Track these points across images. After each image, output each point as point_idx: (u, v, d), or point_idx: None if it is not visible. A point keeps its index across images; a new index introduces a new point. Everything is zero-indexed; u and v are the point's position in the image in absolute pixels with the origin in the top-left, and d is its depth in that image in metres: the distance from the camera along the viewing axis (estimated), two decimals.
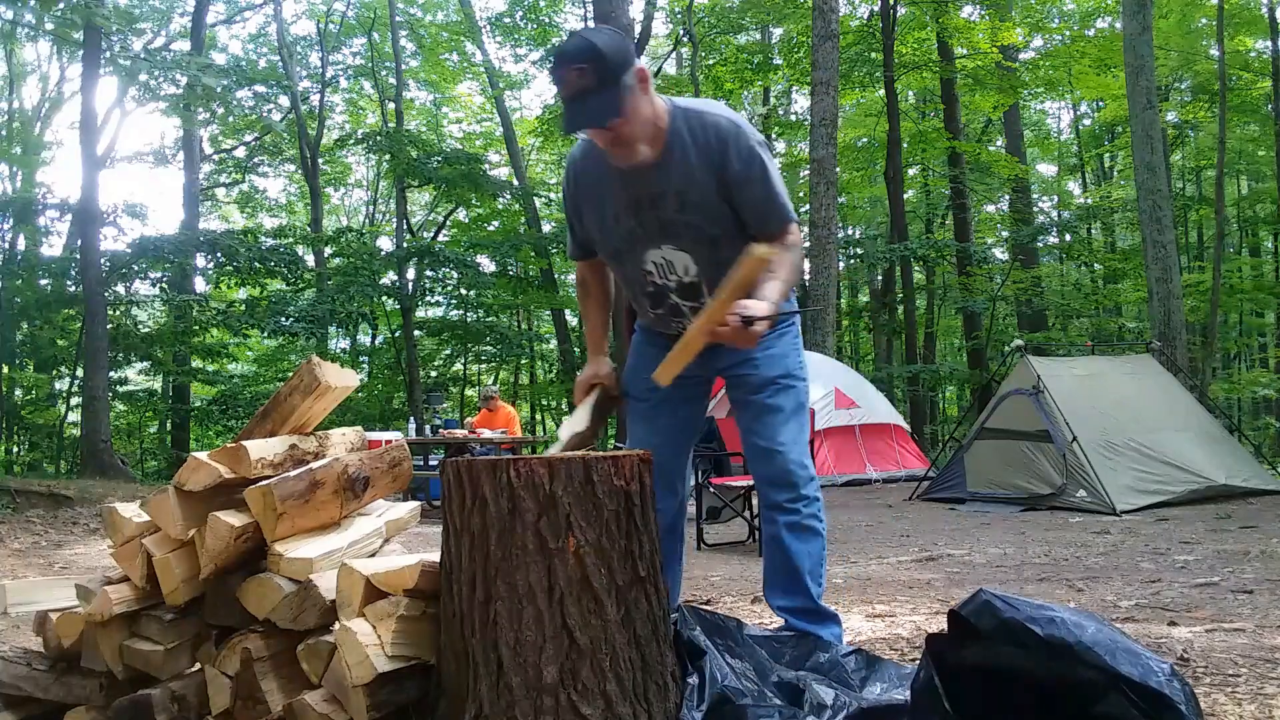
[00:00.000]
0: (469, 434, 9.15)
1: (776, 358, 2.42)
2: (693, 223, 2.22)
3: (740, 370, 2.43)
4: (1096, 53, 17.31)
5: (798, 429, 2.41)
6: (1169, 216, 11.62)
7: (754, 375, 2.41)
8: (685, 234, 2.24)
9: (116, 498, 8.54)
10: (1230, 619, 3.17)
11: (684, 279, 2.31)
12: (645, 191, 2.21)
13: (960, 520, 7.02)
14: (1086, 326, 19.63)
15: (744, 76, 20.29)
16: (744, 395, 2.45)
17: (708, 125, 2.17)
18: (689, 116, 2.18)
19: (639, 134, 2.10)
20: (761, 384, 2.41)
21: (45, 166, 22.79)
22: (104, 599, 1.89)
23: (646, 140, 2.13)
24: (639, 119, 2.09)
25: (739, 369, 2.44)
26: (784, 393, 2.41)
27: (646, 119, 2.11)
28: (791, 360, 2.44)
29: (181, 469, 1.91)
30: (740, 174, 2.16)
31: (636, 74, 2.07)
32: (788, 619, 2.37)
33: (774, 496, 2.39)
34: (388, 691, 1.71)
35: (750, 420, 2.43)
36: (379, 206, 25.61)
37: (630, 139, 2.10)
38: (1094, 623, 1.54)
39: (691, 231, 2.23)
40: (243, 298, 17.31)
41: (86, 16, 11.52)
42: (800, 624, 2.34)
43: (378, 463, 2.10)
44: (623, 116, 2.05)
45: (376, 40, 20.96)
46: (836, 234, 14.17)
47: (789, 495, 2.36)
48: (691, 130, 2.17)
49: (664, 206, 2.21)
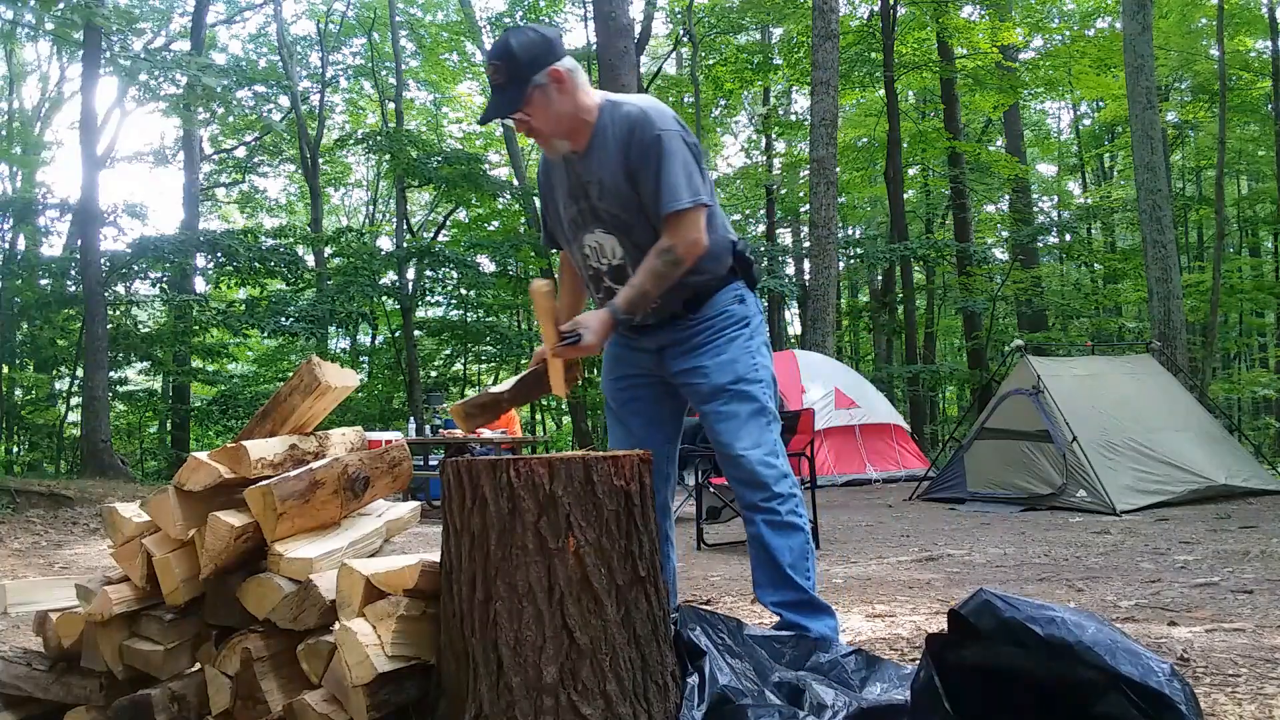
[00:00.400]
0: (469, 434, 9.15)
1: (725, 364, 2.42)
2: (610, 209, 2.34)
3: (690, 379, 2.45)
4: (1096, 53, 17.31)
5: (759, 430, 2.40)
6: (1169, 216, 11.62)
7: (703, 384, 2.43)
8: (607, 219, 2.37)
9: (116, 498, 8.54)
10: (1230, 619, 3.17)
11: (613, 262, 2.41)
12: (579, 180, 2.38)
13: (960, 520, 7.02)
14: (1086, 326, 19.62)
15: (744, 76, 20.29)
16: (699, 404, 2.47)
17: (620, 117, 2.32)
18: (613, 110, 2.33)
19: (552, 128, 2.30)
20: (711, 392, 2.42)
21: (45, 166, 22.80)
22: (104, 599, 1.89)
23: (565, 134, 2.31)
24: (550, 114, 2.27)
25: (688, 377, 2.46)
26: (736, 399, 2.40)
27: (564, 114, 2.29)
28: (743, 364, 2.42)
29: (181, 469, 1.91)
30: (638, 160, 2.28)
31: (550, 74, 2.24)
32: (780, 614, 2.38)
33: (748, 498, 2.41)
34: (388, 691, 1.71)
35: (710, 429, 2.45)
36: (379, 206, 25.61)
37: (543, 132, 2.30)
38: (1094, 623, 1.54)
39: (610, 217, 2.36)
40: (243, 298, 17.30)
41: (86, 16, 11.52)
42: (793, 617, 2.35)
43: (378, 463, 2.10)
44: (524, 111, 2.26)
45: (376, 40, 20.96)
46: (836, 234, 14.17)
47: (762, 495, 2.38)
48: (613, 122, 2.32)
49: (591, 194, 2.36)
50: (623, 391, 2.59)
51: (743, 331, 2.45)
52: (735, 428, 2.39)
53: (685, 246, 2.27)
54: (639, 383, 2.58)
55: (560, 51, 2.30)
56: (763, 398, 2.43)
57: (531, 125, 2.29)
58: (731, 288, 2.48)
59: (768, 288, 18.35)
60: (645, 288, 2.27)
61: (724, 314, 2.46)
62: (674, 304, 2.43)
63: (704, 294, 2.44)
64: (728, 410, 2.40)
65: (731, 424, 2.39)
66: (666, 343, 2.48)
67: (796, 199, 22.84)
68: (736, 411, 2.40)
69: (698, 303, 2.44)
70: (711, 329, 2.44)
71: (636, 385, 2.58)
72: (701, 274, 2.41)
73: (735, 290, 2.49)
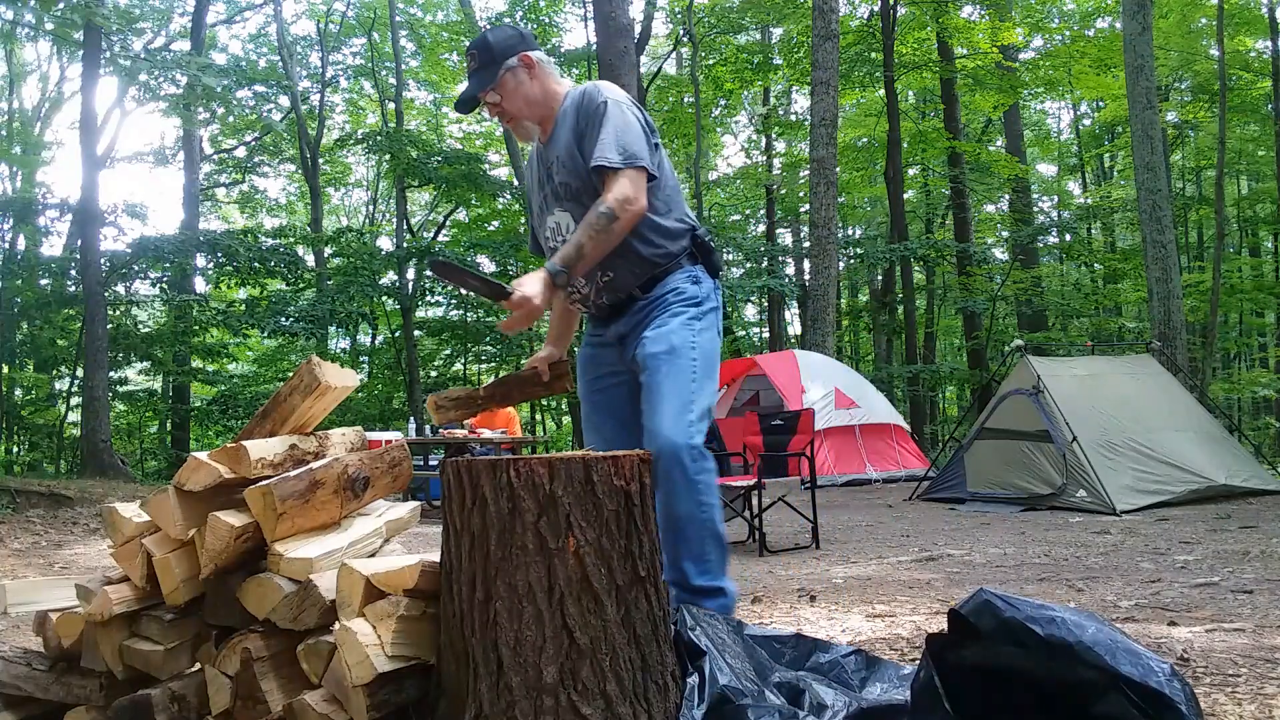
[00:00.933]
0: (469, 434, 9.15)
1: (662, 335, 2.39)
2: (564, 179, 2.43)
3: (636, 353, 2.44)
4: (1096, 53, 17.32)
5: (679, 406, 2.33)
6: (1169, 216, 11.62)
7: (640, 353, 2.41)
8: (564, 194, 2.44)
9: (116, 498, 8.55)
10: (1230, 619, 3.17)
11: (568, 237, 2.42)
12: (545, 164, 2.50)
13: (960, 520, 7.02)
14: (1086, 326, 19.63)
15: (744, 76, 20.30)
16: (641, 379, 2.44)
17: (576, 94, 2.44)
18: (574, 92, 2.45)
19: (522, 111, 2.44)
20: (643, 360, 2.40)
21: (45, 166, 22.82)
22: (104, 599, 1.89)
23: (535, 119, 2.46)
24: (519, 97, 2.43)
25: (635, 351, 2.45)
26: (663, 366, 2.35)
27: (533, 99, 2.44)
28: (679, 336, 2.38)
29: (182, 469, 1.91)
30: (584, 125, 2.37)
31: (521, 59, 2.42)
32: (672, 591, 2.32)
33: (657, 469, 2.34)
34: (388, 691, 1.71)
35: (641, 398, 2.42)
36: (379, 206, 25.62)
37: (514, 114, 2.45)
38: (1094, 623, 1.54)
39: (565, 190, 2.43)
40: (243, 298, 17.31)
41: (86, 16, 11.52)
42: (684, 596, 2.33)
43: (378, 463, 2.10)
44: (495, 91, 2.41)
45: (376, 40, 20.96)
46: (836, 234, 14.18)
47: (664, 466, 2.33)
48: (571, 100, 2.44)
49: (553, 174, 2.45)
50: (595, 394, 2.61)
51: (688, 309, 2.43)
52: (657, 400, 2.34)
53: (619, 203, 2.27)
54: (609, 382, 2.59)
55: (532, 44, 2.46)
56: (688, 372, 2.36)
57: (503, 107, 2.43)
58: (687, 270, 2.48)
59: (768, 287, 18.36)
60: (580, 240, 2.28)
61: (674, 290, 2.45)
62: (630, 283, 2.44)
63: (660, 275, 2.46)
64: (652, 381, 2.36)
65: (654, 396, 2.35)
66: (626, 330, 2.49)
67: (796, 199, 22.85)
68: (659, 382, 2.35)
69: (654, 283, 2.46)
70: (661, 304, 2.44)
71: (607, 385, 2.59)
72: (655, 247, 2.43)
73: (690, 273, 2.48)
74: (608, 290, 2.48)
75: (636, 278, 2.45)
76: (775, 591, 4.10)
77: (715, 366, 2.45)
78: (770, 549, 5.53)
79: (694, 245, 2.50)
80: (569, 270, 2.28)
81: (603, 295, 2.48)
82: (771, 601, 3.83)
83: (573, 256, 2.28)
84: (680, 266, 2.47)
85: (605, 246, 2.30)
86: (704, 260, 2.52)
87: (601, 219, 2.27)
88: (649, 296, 2.45)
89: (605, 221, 2.27)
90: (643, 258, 2.43)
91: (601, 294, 2.48)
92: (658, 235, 2.43)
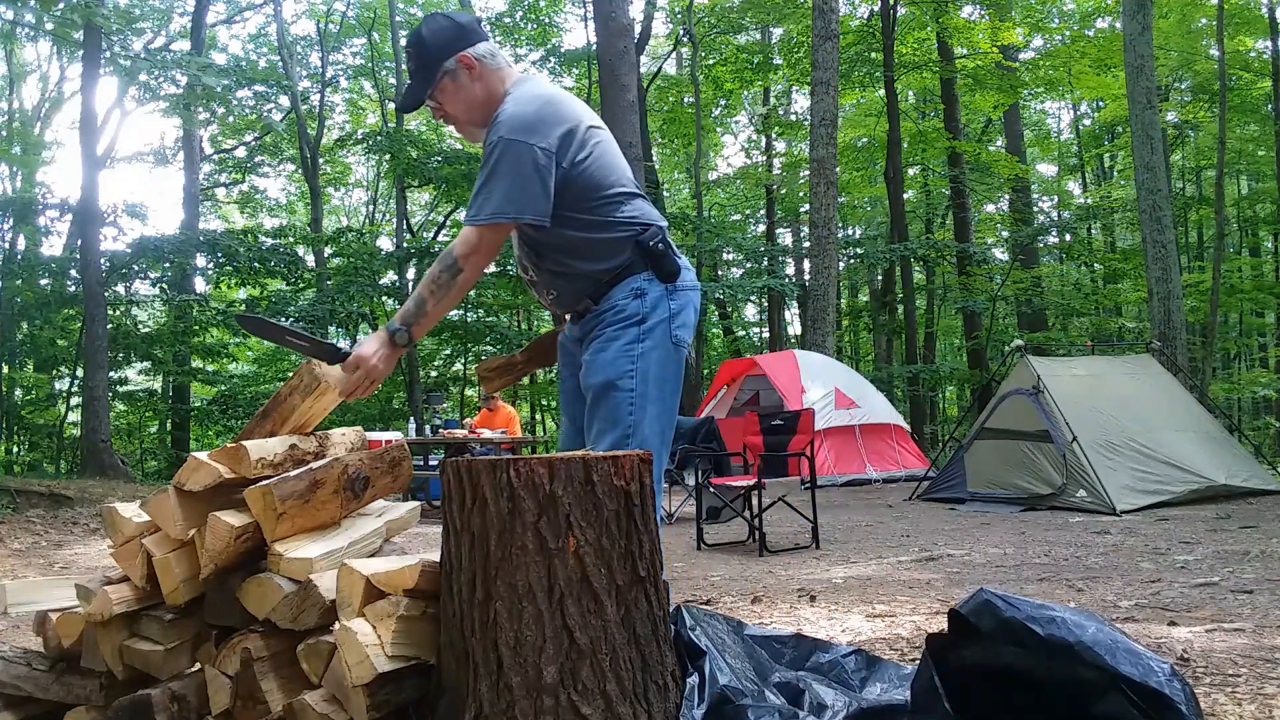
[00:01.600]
0: (469, 434, 9.16)
1: (600, 364, 2.26)
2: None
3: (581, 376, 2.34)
4: (1096, 53, 17.33)
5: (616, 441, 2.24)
6: (1169, 216, 11.62)
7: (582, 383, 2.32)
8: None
9: (116, 498, 8.55)
10: (1230, 619, 3.17)
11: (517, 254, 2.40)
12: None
13: (960, 520, 7.02)
14: (1086, 326, 19.63)
15: (744, 76, 20.32)
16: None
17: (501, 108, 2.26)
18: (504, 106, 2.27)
19: (462, 115, 2.30)
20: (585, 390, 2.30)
21: (45, 166, 22.84)
22: (104, 599, 1.89)
23: (479, 121, 2.30)
24: (460, 100, 2.28)
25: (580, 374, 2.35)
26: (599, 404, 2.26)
27: (474, 102, 2.29)
28: (615, 368, 2.25)
29: (182, 469, 1.91)
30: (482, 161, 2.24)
31: (460, 60, 2.25)
32: None
33: None
34: (388, 691, 1.71)
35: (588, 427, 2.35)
36: (379, 206, 25.62)
37: (454, 119, 2.32)
38: (1094, 622, 1.54)
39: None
40: (243, 298, 17.32)
41: (86, 16, 11.52)
42: None
43: (377, 463, 2.10)
44: (434, 98, 2.28)
45: (376, 40, 20.97)
46: (836, 234, 14.18)
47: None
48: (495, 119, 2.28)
49: None
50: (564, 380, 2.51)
51: (628, 330, 2.26)
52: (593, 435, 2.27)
53: (463, 257, 2.17)
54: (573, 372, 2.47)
55: (474, 37, 2.27)
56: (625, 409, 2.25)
57: (445, 112, 2.30)
58: (630, 281, 2.29)
59: (768, 287, 18.36)
60: (421, 295, 2.17)
61: (614, 309, 2.28)
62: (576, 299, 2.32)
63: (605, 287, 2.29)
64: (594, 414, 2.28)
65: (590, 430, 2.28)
66: (581, 335, 2.38)
67: (796, 199, 22.85)
68: (595, 418, 2.27)
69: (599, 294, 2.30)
70: (601, 323, 2.29)
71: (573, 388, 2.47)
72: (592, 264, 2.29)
73: (634, 284, 2.29)
74: (557, 304, 2.38)
75: (583, 291, 2.31)
76: (775, 591, 4.10)
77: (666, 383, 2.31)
78: (770, 549, 5.53)
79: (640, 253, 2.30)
80: (408, 329, 2.16)
81: (556, 306, 2.38)
82: (771, 601, 3.83)
83: (413, 314, 2.17)
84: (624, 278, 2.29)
85: (450, 301, 2.19)
86: (652, 265, 2.31)
87: (444, 275, 2.17)
88: (595, 310, 2.31)
89: (448, 277, 2.17)
90: (582, 274, 2.30)
91: (554, 305, 2.39)
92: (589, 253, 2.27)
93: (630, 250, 2.29)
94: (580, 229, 2.25)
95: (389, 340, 2.15)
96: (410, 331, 2.16)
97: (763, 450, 6.13)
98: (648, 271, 2.31)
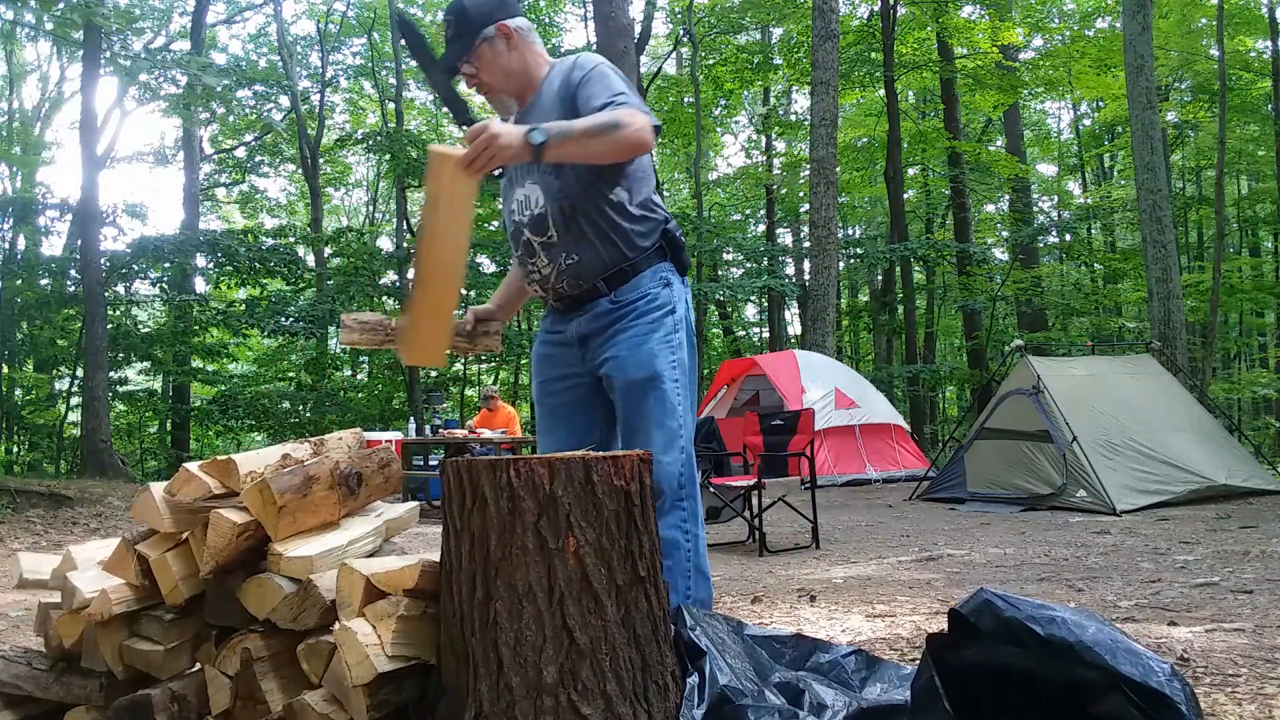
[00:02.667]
0: (469, 434, 9.16)
1: (643, 357, 2.24)
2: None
3: (607, 370, 2.28)
4: (1096, 53, 17.33)
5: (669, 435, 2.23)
6: (1169, 216, 11.62)
7: (618, 376, 2.26)
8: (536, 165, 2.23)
9: (117, 497, 8.55)
10: (1230, 619, 3.17)
11: (534, 211, 2.29)
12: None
13: (960, 520, 7.02)
14: (1086, 326, 19.63)
15: (744, 76, 20.31)
16: (613, 397, 2.31)
17: (565, 63, 2.29)
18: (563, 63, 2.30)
19: (500, 83, 2.29)
20: (624, 387, 2.25)
21: (45, 166, 22.84)
22: (104, 599, 1.89)
23: (514, 91, 2.31)
24: (497, 68, 2.28)
25: (606, 367, 2.28)
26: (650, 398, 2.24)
27: (512, 70, 2.29)
28: (661, 359, 2.24)
29: (173, 480, 1.91)
30: (578, 80, 2.22)
31: (499, 29, 2.26)
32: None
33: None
34: (388, 691, 1.71)
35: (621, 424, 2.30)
36: (379, 206, 25.62)
37: (489, 86, 2.30)
38: (1094, 622, 1.54)
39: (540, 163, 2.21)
40: (243, 298, 17.32)
41: (86, 16, 11.52)
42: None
43: (367, 461, 2.11)
44: (472, 63, 2.26)
45: (376, 40, 20.96)
46: (836, 234, 14.18)
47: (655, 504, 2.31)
48: (561, 70, 2.29)
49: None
50: (549, 397, 2.42)
51: (665, 320, 2.26)
52: (645, 429, 2.24)
53: (627, 116, 2.07)
54: (566, 384, 2.39)
55: (512, 10, 2.31)
56: (675, 399, 2.26)
57: (480, 79, 2.29)
58: (657, 269, 2.30)
59: (768, 287, 18.35)
60: (575, 126, 2.05)
61: (646, 297, 2.27)
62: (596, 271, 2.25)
63: (627, 271, 2.27)
64: (638, 410, 2.25)
65: (638, 424, 2.25)
66: (588, 332, 2.30)
67: (796, 199, 22.85)
68: (650, 413, 2.24)
69: (619, 280, 2.26)
70: (633, 313, 2.26)
71: (562, 388, 2.39)
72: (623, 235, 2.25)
73: (661, 272, 2.30)
74: (569, 275, 2.27)
75: (604, 267, 2.25)
76: (775, 591, 4.10)
77: (695, 378, 2.36)
78: (770, 549, 5.53)
79: (664, 240, 2.31)
80: (547, 141, 1.99)
81: (564, 280, 2.28)
82: (771, 601, 3.83)
83: (560, 132, 2.01)
84: (650, 264, 2.29)
85: (595, 148, 2.06)
86: (673, 257, 2.33)
87: (607, 120, 2.06)
88: (618, 301, 2.26)
89: (609, 121, 2.05)
90: (612, 243, 2.24)
91: (563, 278, 2.27)
92: (627, 221, 2.25)
93: (658, 235, 2.31)
94: (630, 195, 2.27)
95: (524, 139, 1.98)
96: (548, 139, 1.99)
97: (763, 450, 6.13)
98: (668, 261, 2.33)
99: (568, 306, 2.34)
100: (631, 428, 2.26)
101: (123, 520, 7.41)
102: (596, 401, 2.38)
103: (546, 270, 2.30)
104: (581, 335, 2.32)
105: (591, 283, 2.27)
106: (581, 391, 2.38)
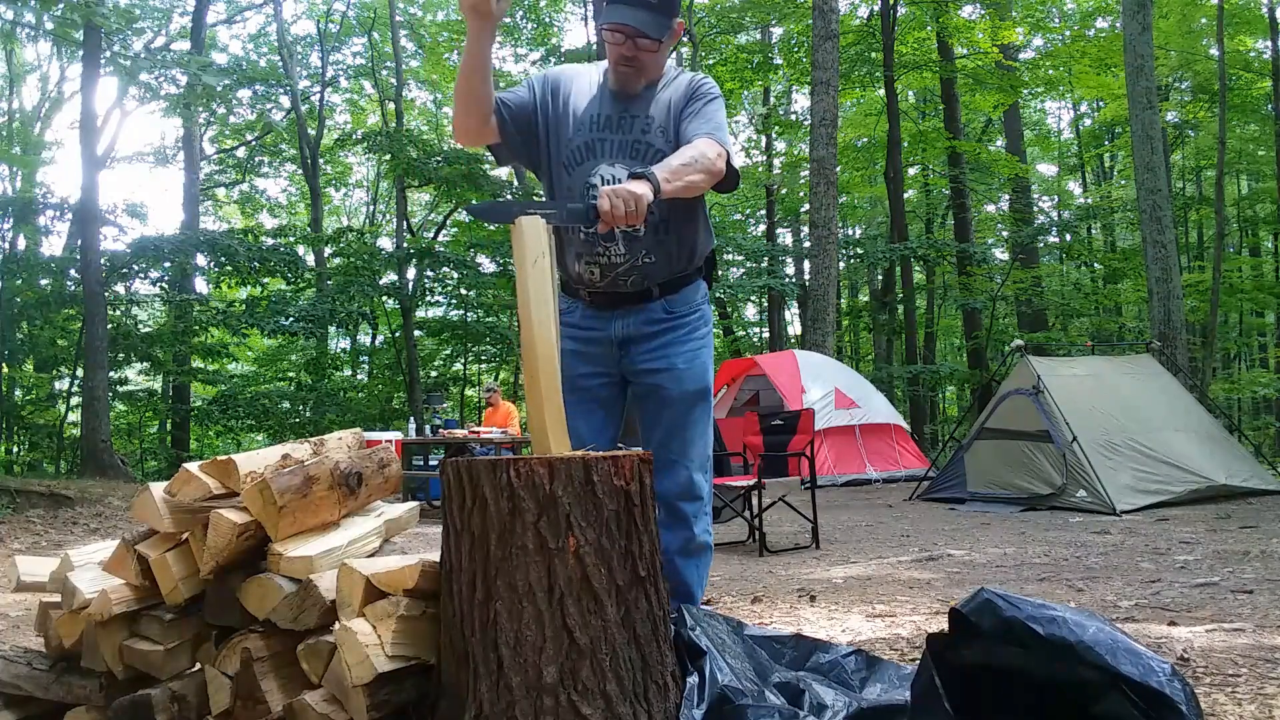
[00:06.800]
0: (469, 434, 9.16)
1: (699, 371, 2.37)
2: (654, 144, 2.30)
3: (657, 379, 2.35)
4: (1096, 53, 17.32)
5: (705, 445, 2.41)
6: (1169, 216, 11.62)
7: (673, 387, 2.35)
8: (643, 154, 2.30)
9: (117, 497, 8.55)
10: (1230, 619, 3.17)
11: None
12: (625, 112, 2.33)
13: (960, 520, 7.02)
14: (1086, 326, 19.64)
15: (744, 76, 20.29)
16: (658, 406, 2.37)
17: (687, 75, 2.40)
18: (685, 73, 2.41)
19: (650, 65, 2.31)
20: (680, 397, 2.36)
21: (45, 166, 22.83)
22: (104, 599, 1.89)
23: (650, 75, 2.33)
24: (661, 55, 2.32)
25: (655, 376, 2.35)
26: (700, 410, 2.39)
27: (659, 64, 2.34)
28: (711, 375, 2.42)
29: (173, 480, 1.91)
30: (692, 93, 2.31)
31: (678, 25, 2.33)
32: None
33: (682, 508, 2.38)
34: (388, 691, 1.71)
35: (664, 433, 2.37)
36: (379, 206, 25.62)
37: (644, 64, 2.30)
38: (1095, 622, 1.54)
39: (648, 151, 2.30)
40: (243, 298, 17.31)
41: (86, 16, 11.51)
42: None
43: (366, 461, 2.11)
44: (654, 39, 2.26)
45: (376, 40, 20.96)
46: (836, 234, 14.17)
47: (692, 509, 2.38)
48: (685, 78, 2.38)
49: (634, 128, 2.31)
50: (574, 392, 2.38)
51: (709, 339, 2.43)
52: (693, 438, 2.37)
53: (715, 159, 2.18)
54: (594, 383, 2.41)
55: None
56: (710, 411, 2.44)
57: (641, 60, 2.28)
58: (701, 285, 2.43)
59: (768, 287, 18.35)
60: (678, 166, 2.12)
61: (697, 313, 2.40)
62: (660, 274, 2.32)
63: (680, 282, 2.36)
64: (690, 419, 2.37)
65: (690, 433, 2.37)
66: (633, 334, 2.35)
67: (796, 199, 22.84)
68: (697, 421, 2.38)
69: (673, 289, 2.35)
70: (686, 326, 2.37)
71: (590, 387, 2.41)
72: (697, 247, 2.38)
73: (702, 289, 2.44)
74: (640, 272, 2.31)
75: (669, 273, 2.33)
76: (775, 591, 4.10)
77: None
78: (770, 549, 5.53)
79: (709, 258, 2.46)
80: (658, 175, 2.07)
81: (632, 275, 2.31)
82: (771, 601, 3.82)
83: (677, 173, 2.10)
84: (696, 278, 2.41)
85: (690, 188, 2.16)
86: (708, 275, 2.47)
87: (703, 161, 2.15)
88: (672, 312, 2.35)
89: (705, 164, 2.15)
90: (687, 252, 2.35)
91: (632, 272, 2.31)
92: (704, 234, 2.38)
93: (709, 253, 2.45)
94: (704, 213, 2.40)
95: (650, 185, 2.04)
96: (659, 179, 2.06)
97: (763, 450, 6.13)
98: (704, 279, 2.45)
99: (609, 303, 2.37)
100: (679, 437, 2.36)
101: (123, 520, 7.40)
102: (617, 401, 2.44)
103: (619, 260, 2.32)
104: (626, 337, 2.37)
105: (651, 285, 2.34)
106: (607, 391, 2.43)
